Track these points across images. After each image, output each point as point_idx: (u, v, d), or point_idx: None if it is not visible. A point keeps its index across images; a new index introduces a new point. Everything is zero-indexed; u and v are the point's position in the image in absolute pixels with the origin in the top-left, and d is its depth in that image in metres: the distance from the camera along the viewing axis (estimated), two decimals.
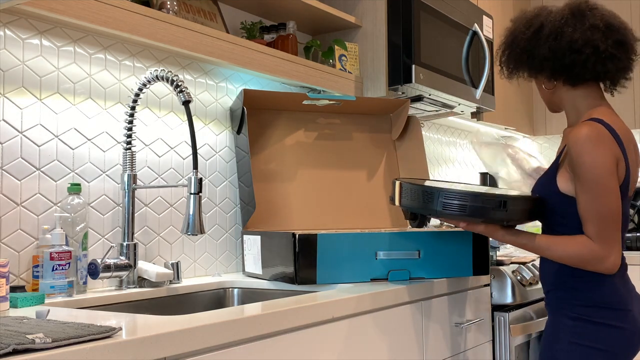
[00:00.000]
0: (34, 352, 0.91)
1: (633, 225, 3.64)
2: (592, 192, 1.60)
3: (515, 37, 1.80)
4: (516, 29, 1.80)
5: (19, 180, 1.59)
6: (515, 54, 1.80)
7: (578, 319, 1.66)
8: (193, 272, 2.06)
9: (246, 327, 1.24)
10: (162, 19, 1.77)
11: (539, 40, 1.73)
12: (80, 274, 1.64)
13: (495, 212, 1.64)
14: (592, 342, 1.64)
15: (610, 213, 1.60)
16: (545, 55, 1.72)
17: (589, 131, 1.61)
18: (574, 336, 1.65)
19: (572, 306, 1.68)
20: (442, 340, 1.92)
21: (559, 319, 1.70)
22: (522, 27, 1.79)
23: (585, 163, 1.60)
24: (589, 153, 1.60)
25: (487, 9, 3.33)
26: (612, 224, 1.60)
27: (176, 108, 2.03)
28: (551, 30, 1.72)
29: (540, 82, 1.83)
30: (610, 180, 1.60)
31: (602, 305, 1.65)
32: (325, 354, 1.45)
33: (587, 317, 1.65)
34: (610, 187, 1.60)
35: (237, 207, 2.23)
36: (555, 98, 1.81)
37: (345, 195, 2.41)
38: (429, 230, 1.95)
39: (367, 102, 2.42)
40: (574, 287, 1.68)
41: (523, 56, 1.78)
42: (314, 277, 1.77)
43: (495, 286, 2.27)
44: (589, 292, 1.66)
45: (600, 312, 1.65)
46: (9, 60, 1.58)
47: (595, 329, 1.64)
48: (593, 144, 1.60)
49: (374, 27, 2.55)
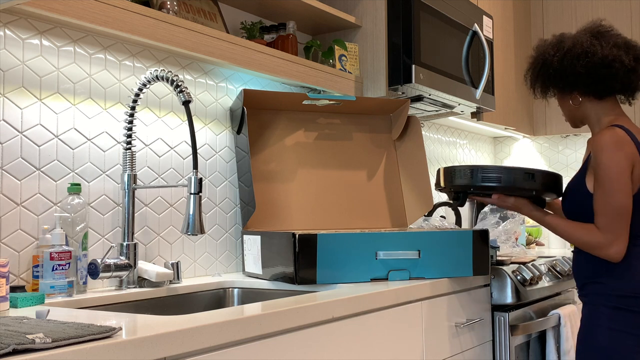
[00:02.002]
0: (34, 352, 0.91)
1: None
2: (605, 188, 1.81)
3: (546, 59, 1.99)
4: (545, 53, 2.00)
5: (19, 180, 1.59)
6: (548, 75, 1.99)
7: (615, 308, 1.84)
8: (193, 272, 2.06)
9: (246, 327, 1.24)
10: (162, 19, 1.77)
11: (572, 60, 1.93)
12: (80, 274, 1.64)
13: (525, 182, 1.92)
14: (628, 328, 1.82)
15: (617, 208, 1.80)
16: (580, 72, 1.92)
17: (610, 135, 1.84)
18: (612, 323, 1.84)
19: (609, 296, 1.85)
20: (442, 340, 1.92)
21: (597, 308, 1.88)
22: (551, 50, 1.99)
23: (602, 162, 1.82)
24: (607, 154, 1.82)
25: (487, 9, 3.33)
26: (618, 217, 1.80)
27: (176, 108, 2.03)
28: (582, 50, 1.92)
29: (568, 99, 2.01)
30: (621, 179, 1.80)
31: (635, 295, 1.83)
32: (325, 354, 1.45)
33: (624, 306, 1.83)
34: (621, 185, 1.80)
35: (237, 207, 2.23)
36: (579, 113, 2.01)
37: (345, 195, 2.41)
38: (429, 230, 1.95)
39: (367, 102, 2.42)
40: (608, 279, 1.86)
41: (557, 75, 1.97)
42: (314, 277, 1.77)
43: (495, 286, 2.27)
44: (622, 284, 1.84)
45: (635, 301, 1.83)
46: (9, 60, 1.58)
47: (632, 317, 1.83)
48: (612, 147, 1.82)
49: (374, 27, 2.55)
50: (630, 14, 3.69)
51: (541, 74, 2.02)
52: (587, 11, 3.82)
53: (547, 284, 2.55)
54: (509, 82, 3.58)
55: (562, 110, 2.06)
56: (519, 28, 3.80)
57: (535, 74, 2.04)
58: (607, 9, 3.76)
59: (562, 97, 2.03)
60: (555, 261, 2.72)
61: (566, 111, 2.05)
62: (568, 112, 2.04)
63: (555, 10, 3.91)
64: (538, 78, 2.04)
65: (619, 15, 3.72)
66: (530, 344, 2.41)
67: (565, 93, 2.00)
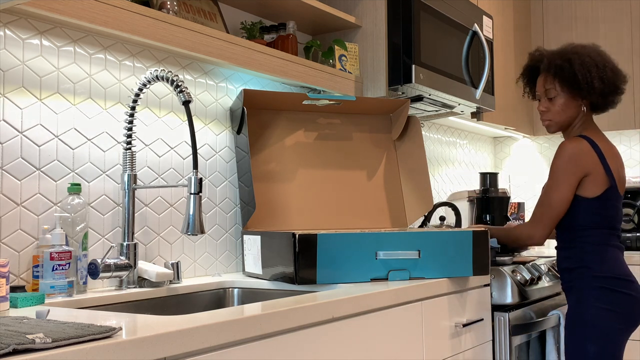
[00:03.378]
0: (34, 352, 0.91)
1: (633, 225, 3.64)
2: (547, 186, 2.14)
3: (586, 62, 2.13)
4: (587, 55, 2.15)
5: (19, 180, 1.59)
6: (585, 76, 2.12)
7: (600, 287, 2.06)
8: (193, 272, 2.06)
9: (246, 327, 1.24)
10: (162, 19, 1.77)
11: (613, 72, 2.15)
12: (80, 274, 1.64)
13: None
14: (610, 305, 2.04)
15: (549, 204, 2.12)
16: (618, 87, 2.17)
17: (573, 147, 2.10)
18: (598, 301, 2.05)
19: (595, 278, 2.07)
20: (442, 340, 1.92)
21: (583, 290, 2.08)
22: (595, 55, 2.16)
23: (555, 165, 2.12)
24: (561, 161, 2.10)
25: (487, 9, 3.33)
26: (548, 211, 2.12)
27: (176, 108, 2.03)
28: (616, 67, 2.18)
29: (579, 104, 2.17)
30: (563, 182, 2.09)
31: (616, 277, 2.06)
32: (325, 354, 1.45)
33: (607, 285, 2.05)
34: (560, 186, 2.10)
35: (237, 207, 2.23)
36: (574, 120, 2.20)
37: (345, 195, 2.41)
38: (429, 230, 1.95)
39: (367, 102, 2.42)
40: (593, 265, 2.08)
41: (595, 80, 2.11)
42: (314, 277, 1.77)
43: (495, 286, 2.27)
44: (605, 267, 2.07)
45: (615, 281, 2.06)
46: (9, 60, 1.58)
47: (613, 296, 2.05)
48: (569, 157, 2.09)
49: (374, 27, 2.55)
50: (630, 14, 3.69)
51: (591, 72, 2.11)
52: (587, 11, 3.82)
53: (547, 284, 2.55)
54: (509, 82, 3.58)
55: (561, 111, 2.20)
56: (519, 28, 3.80)
57: (585, 69, 2.12)
58: (607, 9, 3.76)
59: (577, 99, 2.17)
60: (555, 261, 2.72)
61: (569, 114, 2.19)
62: (570, 117, 2.19)
63: (555, 10, 3.91)
64: (587, 74, 2.12)
65: (619, 15, 3.72)
66: (530, 344, 2.41)
67: (580, 97, 2.15)
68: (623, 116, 3.68)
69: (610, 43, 3.73)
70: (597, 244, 2.10)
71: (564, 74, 2.15)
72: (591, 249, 2.10)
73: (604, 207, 2.10)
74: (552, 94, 2.19)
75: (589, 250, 2.11)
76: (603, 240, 2.11)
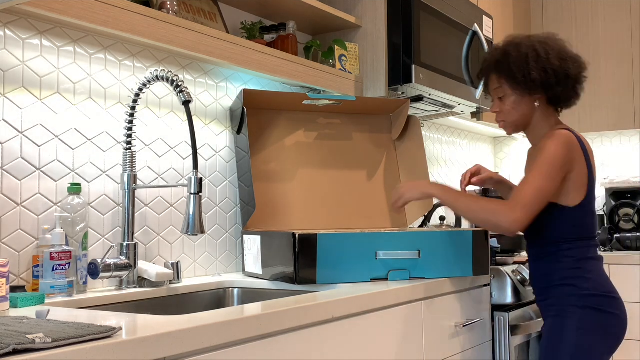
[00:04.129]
0: (34, 352, 0.91)
1: (633, 225, 3.65)
2: (538, 171, 1.81)
3: (538, 54, 1.90)
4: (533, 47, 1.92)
5: (19, 180, 1.59)
6: (530, 68, 1.89)
7: (584, 307, 1.84)
8: (193, 272, 2.06)
9: (246, 327, 1.24)
10: (162, 19, 1.77)
11: (565, 61, 1.91)
12: (80, 274, 1.64)
13: None
14: (595, 327, 1.83)
15: (538, 190, 1.80)
16: (571, 75, 1.91)
17: (566, 135, 1.86)
18: (582, 322, 1.83)
19: (579, 297, 1.85)
20: (442, 340, 1.92)
21: (566, 309, 1.86)
22: (540, 45, 1.92)
23: (548, 150, 1.83)
24: (555, 145, 1.83)
25: (487, 9, 3.33)
26: (535, 197, 1.79)
27: (176, 108, 2.03)
28: (572, 55, 1.94)
29: (533, 100, 1.95)
30: (557, 171, 1.82)
31: (600, 294, 1.86)
32: (325, 354, 1.45)
33: (593, 305, 1.84)
34: (553, 175, 1.81)
35: (237, 207, 2.23)
36: (532, 118, 1.98)
37: (346, 195, 2.41)
38: (429, 230, 1.95)
39: (367, 102, 2.42)
40: (576, 281, 1.87)
41: (543, 71, 1.89)
42: (314, 277, 1.77)
43: (495, 286, 2.27)
44: (590, 283, 1.86)
45: (601, 300, 1.85)
46: (9, 60, 1.58)
47: (599, 316, 1.84)
48: (561, 142, 1.84)
49: (374, 27, 2.55)
50: (630, 14, 3.69)
51: (529, 64, 1.90)
52: (587, 11, 3.82)
53: None
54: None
55: (512, 110, 1.97)
56: (519, 28, 3.80)
57: (521, 62, 1.91)
58: (607, 9, 3.76)
59: (525, 95, 1.94)
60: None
61: (521, 112, 1.97)
62: (523, 114, 1.97)
63: (555, 10, 3.91)
64: (525, 66, 1.90)
65: (619, 15, 3.72)
66: (530, 344, 2.41)
67: (537, 90, 1.92)
68: (623, 116, 3.68)
69: (610, 43, 3.73)
70: (579, 259, 1.89)
71: (502, 69, 1.95)
72: (573, 264, 1.88)
73: (584, 215, 1.89)
74: (500, 93, 1.98)
75: (571, 265, 1.89)
76: (585, 254, 1.89)
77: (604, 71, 3.74)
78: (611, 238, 3.53)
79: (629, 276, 3.24)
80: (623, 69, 3.69)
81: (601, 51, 3.75)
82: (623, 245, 3.51)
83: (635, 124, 3.66)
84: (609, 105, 3.72)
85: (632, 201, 3.66)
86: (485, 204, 1.85)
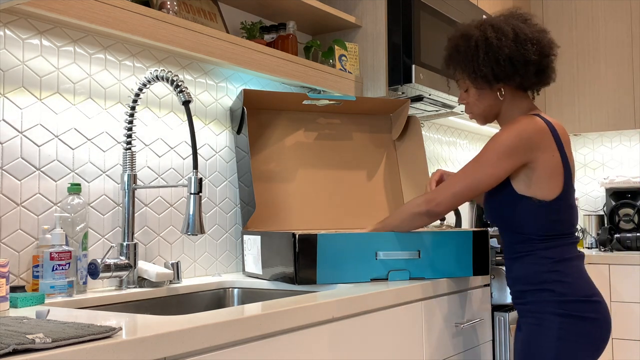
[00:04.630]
0: (34, 352, 0.91)
1: (633, 225, 3.64)
2: (476, 160, 1.75)
3: (490, 42, 1.77)
4: (485, 35, 1.78)
5: (19, 180, 1.59)
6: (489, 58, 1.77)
7: (564, 315, 1.70)
8: (193, 272, 2.06)
9: (246, 327, 1.24)
10: (162, 19, 1.77)
11: (522, 46, 1.76)
12: (80, 274, 1.64)
13: None
14: (576, 336, 1.69)
15: (472, 180, 1.73)
16: (531, 59, 1.77)
17: (521, 121, 1.73)
18: (562, 332, 1.69)
19: (558, 303, 1.71)
20: (442, 340, 1.92)
21: (543, 316, 1.73)
22: (493, 33, 1.78)
23: (495, 139, 1.73)
24: (506, 133, 1.72)
25: (487, 9, 3.33)
26: (467, 187, 1.74)
27: (176, 108, 2.03)
28: (528, 37, 1.77)
29: (494, 90, 1.83)
30: (499, 159, 1.71)
31: (581, 299, 1.72)
32: (325, 354, 1.45)
33: (573, 312, 1.70)
34: (496, 165, 1.71)
35: (237, 207, 2.23)
36: (500, 107, 1.86)
37: (345, 195, 2.41)
38: (429, 230, 1.95)
39: (367, 102, 2.42)
40: (555, 285, 1.73)
41: (499, 60, 1.76)
42: (314, 277, 1.77)
43: (495, 286, 2.27)
44: (570, 287, 1.72)
45: (581, 305, 1.71)
46: (9, 60, 1.58)
47: (581, 324, 1.70)
48: (515, 129, 1.72)
49: (374, 27, 2.55)
50: (630, 14, 3.69)
51: (479, 57, 1.78)
52: (587, 11, 3.82)
53: None
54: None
55: (477, 102, 1.86)
56: None
57: (470, 57, 1.80)
58: (607, 9, 3.76)
59: (484, 87, 1.83)
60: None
61: (486, 104, 1.85)
62: (489, 105, 1.85)
63: (555, 10, 3.91)
64: (474, 61, 1.79)
65: (619, 15, 3.72)
66: None
67: (494, 83, 1.80)
68: (623, 116, 3.68)
69: (610, 43, 3.73)
70: (557, 260, 1.74)
71: (456, 64, 1.85)
72: (551, 267, 1.74)
73: (562, 208, 1.74)
74: (463, 85, 1.88)
75: (549, 268, 1.74)
76: (564, 254, 1.75)
77: (604, 71, 3.74)
78: (611, 238, 3.53)
79: (629, 276, 3.24)
80: (623, 69, 3.69)
81: (601, 51, 3.75)
82: (623, 245, 3.51)
83: (635, 124, 3.66)
84: (609, 105, 3.72)
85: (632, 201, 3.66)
86: (404, 214, 1.84)
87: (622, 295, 3.24)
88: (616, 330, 3.24)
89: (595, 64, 3.75)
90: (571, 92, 3.81)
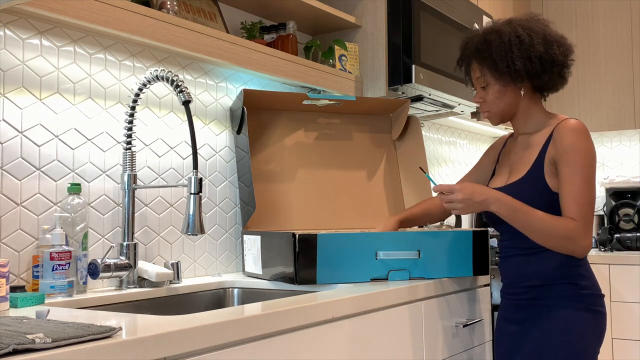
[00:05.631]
0: (34, 352, 0.91)
1: (633, 225, 3.64)
2: (584, 176, 1.71)
3: (523, 40, 1.78)
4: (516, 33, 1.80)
5: (19, 180, 1.59)
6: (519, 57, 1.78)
7: (586, 309, 1.73)
8: (193, 272, 2.06)
9: (246, 327, 1.24)
10: (162, 19, 1.77)
11: (552, 47, 1.79)
12: (80, 274, 1.64)
13: None
14: (595, 329, 1.74)
15: (592, 199, 1.72)
16: (559, 61, 1.81)
17: (582, 125, 1.77)
18: (587, 326, 1.73)
19: (581, 297, 1.74)
20: (442, 340, 1.92)
21: (564, 311, 1.73)
22: (525, 32, 1.79)
23: (581, 149, 1.72)
24: (585, 142, 1.74)
25: (487, 9, 3.33)
26: (591, 210, 1.72)
27: (176, 108, 2.03)
28: (555, 39, 1.81)
29: (518, 89, 1.84)
30: (595, 171, 1.74)
31: (598, 294, 1.77)
32: (325, 354, 1.45)
33: (593, 306, 1.74)
34: (594, 176, 1.74)
35: (237, 207, 2.23)
36: (519, 106, 1.87)
37: (346, 195, 2.41)
38: (429, 230, 1.95)
39: (367, 102, 2.42)
40: (578, 279, 1.75)
41: (532, 59, 1.78)
42: (314, 277, 1.77)
43: (495, 286, 2.27)
44: (590, 281, 1.77)
45: (598, 299, 1.77)
46: (9, 60, 1.58)
47: (598, 317, 1.75)
48: (587, 136, 1.76)
49: (374, 27, 2.55)
50: (630, 14, 3.69)
51: (512, 52, 1.78)
52: (587, 11, 3.82)
53: None
54: None
55: (496, 100, 1.85)
56: None
57: (504, 51, 1.79)
58: (607, 9, 3.76)
59: (509, 84, 1.82)
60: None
61: (506, 102, 1.84)
62: (508, 104, 1.85)
63: (555, 10, 3.91)
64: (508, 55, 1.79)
65: (619, 15, 3.72)
66: None
67: (522, 79, 1.80)
68: (623, 116, 3.68)
69: (610, 43, 3.73)
70: None
71: (484, 59, 1.83)
72: (575, 261, 1.75)
73: None
74: (482, 82, 1.86)
75: (573, 262, 1.75)
76: None
77: (604, 71, 3.74)
78: (611, 238, 3.53)
79: (629, 276, 3.24)
80: (623, 69, 3.69)
81: (601, 51, 3.76)
82: (623, 245, 3.51)
83: (635, 124, 3.66)
84: (609, 105, 3.72)
85: (632, 201, 3.66)
86: (558, 228, 1.70)
87: (622, 295, 3.24)
88: (616, 330, 3.24)
89: (595, 64, 3.75)
90: (571, 92, 3.81)
